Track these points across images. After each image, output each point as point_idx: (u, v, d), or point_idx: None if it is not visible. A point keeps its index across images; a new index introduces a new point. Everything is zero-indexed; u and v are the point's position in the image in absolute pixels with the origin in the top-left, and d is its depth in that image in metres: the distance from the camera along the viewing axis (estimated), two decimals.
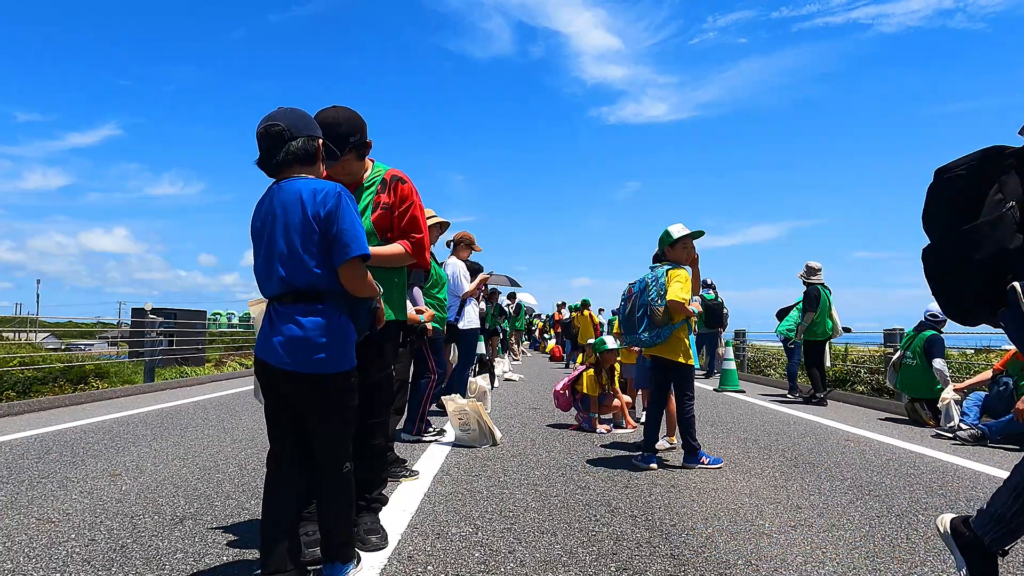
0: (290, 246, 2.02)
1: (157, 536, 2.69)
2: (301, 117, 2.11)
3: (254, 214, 2.14)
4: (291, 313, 2.03)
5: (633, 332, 4.25)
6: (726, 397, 8.95)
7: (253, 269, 2.16)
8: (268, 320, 2.09)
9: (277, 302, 2.07)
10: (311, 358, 2.01)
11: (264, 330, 2.10)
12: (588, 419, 5.78)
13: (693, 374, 4.34)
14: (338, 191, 2.04)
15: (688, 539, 2.77)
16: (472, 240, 5.85)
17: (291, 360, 2.01)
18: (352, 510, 2.23)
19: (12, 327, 23.92)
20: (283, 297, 2.05)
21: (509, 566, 2.42)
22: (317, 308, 2.03)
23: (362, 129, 2.55)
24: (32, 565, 2.36)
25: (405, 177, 2.65)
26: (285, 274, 2.03)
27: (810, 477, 3.99)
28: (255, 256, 2.14)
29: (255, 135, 2.08)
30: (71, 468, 3.91)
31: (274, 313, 2.07)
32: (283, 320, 2.04)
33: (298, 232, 2.01)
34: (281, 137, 2.04)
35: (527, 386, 10.31)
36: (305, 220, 2.01)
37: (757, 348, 16.07)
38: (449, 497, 3.37)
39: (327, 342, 2.03)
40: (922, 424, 6.51)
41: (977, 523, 2.02)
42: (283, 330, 2.02)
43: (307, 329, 2.01)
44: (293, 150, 2.05)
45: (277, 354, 2.03)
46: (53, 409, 6.85)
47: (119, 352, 18.31)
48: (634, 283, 4.36)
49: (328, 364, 2.03)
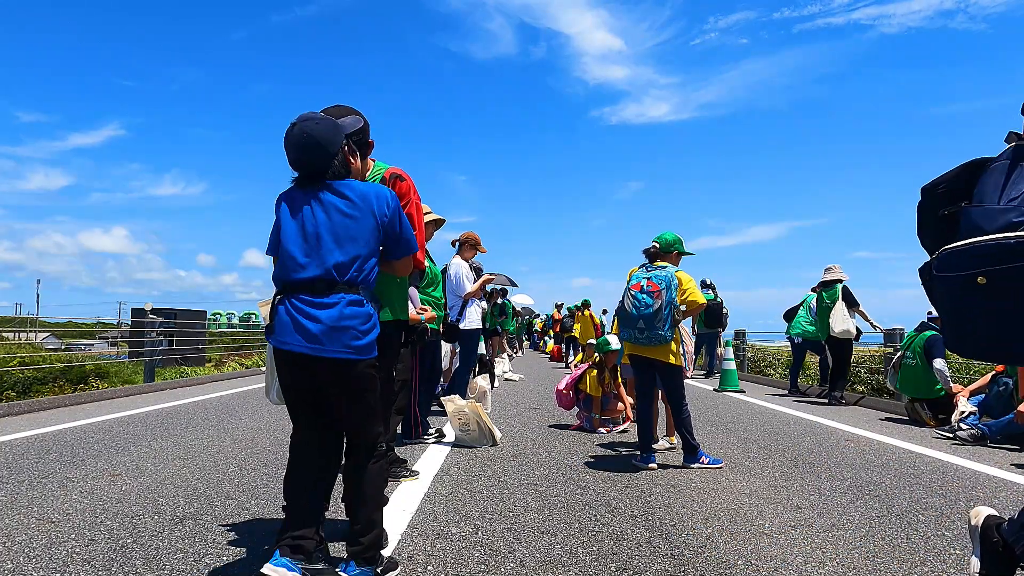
0: (338, 238, 2.12)
1: (157, 536, 2.69)
2: (334, 129, 2.18)
3: (287, 203, 2.20)
4: (323, 302, 2.07)
5: (653, 329, 4.16)
6: (726, 397, 8.95)
7: (279, 256, 2.19)
8: (287, 310, 2.10)
9: (307, 292, 2.09)
10: (351, 343, 2.08)
11: (284, 320, 2.10)
12: (589, 418, 5.78)
13: (682, 374, 4.36)
14: (394, 196, 2.27)
15: (688, 539, 2.77)
16: (478, 241, 5.83)
17: (327, 345, 2.05)
18: (380, 501, 2.27)
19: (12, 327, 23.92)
20: (316, 284, 2.08)
21: (509, 566, 2.42)
22: (353, 298, 2.12)
23: (364, 129, 2.56)
24: (32, 565, 2.36)
25: (404, 175, 2.65)
26: (329, 262, 2.09)
27: (810, 477, 3.99)
28: (286, 243, 2.16)
29: (289, 142, 2.13)
30: (71, 468, 3.91)
31: (299, 303, 2.09)
32: (315, 308, 2.07)
33: (354, 227, 2.14)
34: (326, 152, 2.14)
35: (527, 386, 10.31)
36: (365, 217, 2.15)
37: (757, 348, 16.08)
38: (449, 497, 3.37)
39: (368, 328, 2.13)
40: (922, 424, 6.51)
41: (1008, 530, 2.01)
42: (319, 316, 2.06)
43: (347, 316, 2.08)
44: (337, 167, 2.19)
45: (310, 338, 2.05)
46: (53, 409, 6.84)
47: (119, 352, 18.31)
48: (641, 281, 4.26)
49: (365, 350, 2.12)
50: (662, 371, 4.31)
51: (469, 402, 4.86)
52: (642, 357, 4.32)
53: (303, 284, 2.09)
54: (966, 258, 1.48)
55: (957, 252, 1.50)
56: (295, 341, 2.06)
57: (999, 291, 1.41)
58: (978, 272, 1.32)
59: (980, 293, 1.44)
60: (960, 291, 1.52)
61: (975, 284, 1.33)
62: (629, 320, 4.22)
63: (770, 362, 14.21)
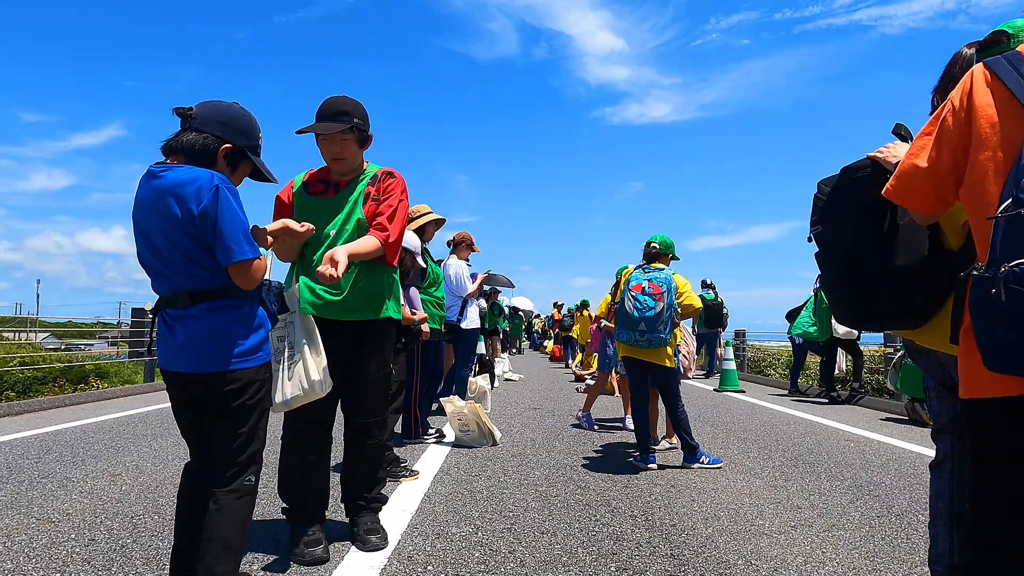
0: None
1: (157, 536, 2.69)
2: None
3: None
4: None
5: (654, 332, 4.14)
6: (726, 397, 8.94)
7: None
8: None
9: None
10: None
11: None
12: (587, 416, 5.80)
13: (676, 375, 4.36)
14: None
15: (688, 539, 2.77)
16: (472, 240, 5.87)
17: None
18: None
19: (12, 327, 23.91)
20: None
21: (509, 566, 2.42)
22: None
23: (364, 116, 2.58)
24: (32, 565, 2.35)
25: (396, 173, 2.64)
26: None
27: (810, 477, 3.99)
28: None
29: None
30: (71, 468, 3.91)
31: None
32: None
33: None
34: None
35: (527, 386, 10.31)
36: None
37: (757, 348, 16.07)
38: (449, 497, 3.37)
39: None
40: (922, 424, 6.51)
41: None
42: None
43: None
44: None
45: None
46: (53, 409, 6.85)
47: (119, 352, 18.30)
48: (642, 282, 4.26)
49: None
50: (657, 373, 4.30)
51: (468, 403, 4.86)
52: (638, 360, 4.32)
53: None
54: None
55: None
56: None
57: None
58: None
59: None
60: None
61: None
62: (630, 322, 4.20)
63: (770, 362, 14.20)
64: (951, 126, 1.13)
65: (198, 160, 1.86)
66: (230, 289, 1.85)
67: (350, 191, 2.55)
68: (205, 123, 1.88)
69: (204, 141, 1.87)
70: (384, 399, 2.65)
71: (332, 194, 2.56)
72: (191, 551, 1.86)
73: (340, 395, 2.56)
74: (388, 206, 2.51)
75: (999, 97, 1.07)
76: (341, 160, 2.55)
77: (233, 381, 1.85)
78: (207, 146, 1.87)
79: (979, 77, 1.11)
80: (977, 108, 1.09)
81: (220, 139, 1.89)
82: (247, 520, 1.90)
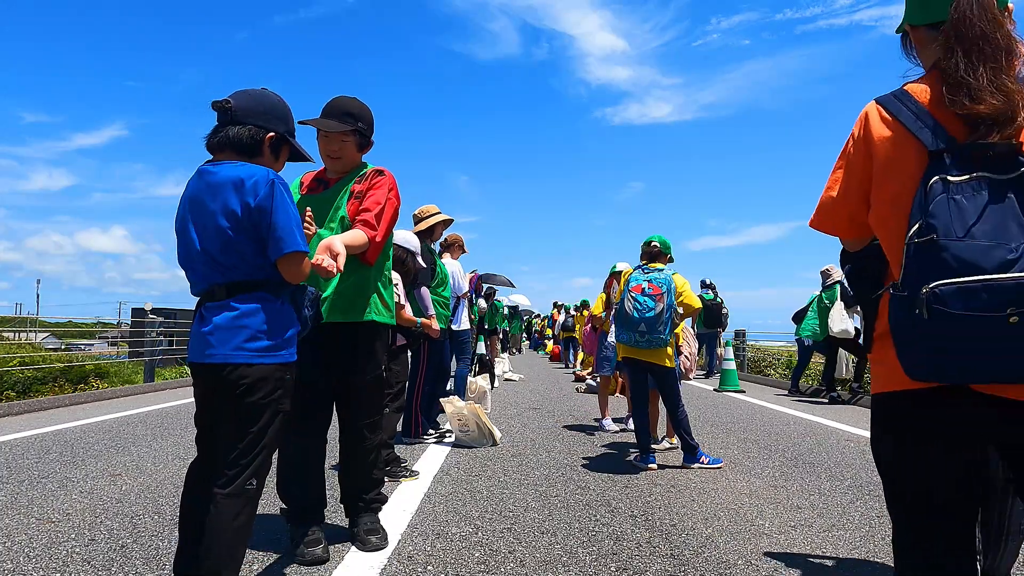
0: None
1: (157, 536, 2.69)
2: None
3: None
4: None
5: (654, 333, 4.14)
6: (726, 397, 8.95)
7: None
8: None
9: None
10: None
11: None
12: (607, 421, 5.86)
13: (676, 375, 4.36)
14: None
15: (688, 539, 2.77)
16: (463, 242, 5.94)
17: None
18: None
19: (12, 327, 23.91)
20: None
21: (509, 566, 2.42)
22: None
23: (369, 122, 2.58)
24: (32, 565, 2.36)
25: (385, 171, 2.61)
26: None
27: (810, 477, 3.99)
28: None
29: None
30: (71, 468, 3.91)
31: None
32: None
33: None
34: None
35: (527, 386, 10.31)
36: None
37: (757, 348, 16.07)
38: (449, 497, 3.37)
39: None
40: None
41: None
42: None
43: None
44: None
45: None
46: (53, 409, 6.85)
47: (119, 352, 18.30)
48: (641, 283, 4.26)
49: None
50: (657, 373, 4.30)
51: (468, 404, 4.86)
52: (638, 360, 4.32)
53: None
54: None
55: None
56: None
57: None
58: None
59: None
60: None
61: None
62: (630, 323, 4.19)
63: (770, 362, 14.20)
64: (854, 159, 1.25)
65: (247, 152, 1.91)
66: (265, 283, 1.87)
67: (339, 188, 2.55)
68: (246, 115, 1.93)
69: (250, 133, 1.92)
70: (377, 401, 2.64)
71: (322, 191, 2.58)
72: (193, 552, 1.82)
73: (334, 397, 2.57)
74: (375, 203, 2.45)
75: (893, 130, 1.18)
76: (337, 159, 2.56)
77: (248, 375, 1.82)
78: (253, 137, 1.92)
79: (873, 113, 1.22)
80: (875, 142, 1.20)
81: (263, 128, 1.94)
82: (247, 526, 1.83)
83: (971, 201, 1.03)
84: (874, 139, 1.21)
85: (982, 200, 1.03)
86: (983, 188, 1.04)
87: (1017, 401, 1.06)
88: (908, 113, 1.17)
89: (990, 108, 1.08)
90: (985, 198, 1.03)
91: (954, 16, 1.16)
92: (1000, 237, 1.00)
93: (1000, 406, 1.07)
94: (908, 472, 1.18)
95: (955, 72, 1.13)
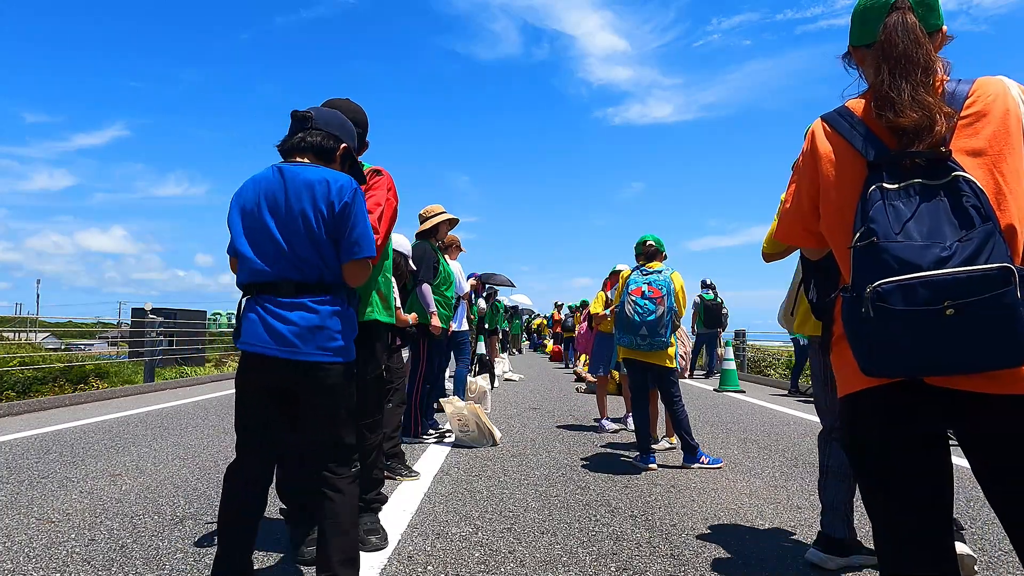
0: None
1: (157, 536, 2.69)
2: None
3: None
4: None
5: (655, 336, 4.12)
6: (726, 397, 8.95)
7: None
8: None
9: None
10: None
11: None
12: (606, 421, 5.84)
13: (677, 375, 4.37)
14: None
15: (688, 539, 2.77)
16: (460, 242, 5.96)
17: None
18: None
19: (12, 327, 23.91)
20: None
21: (509, 566, 2.42)
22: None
23: (364, 125, 2.57)
24: (32, 565, 2.36)
25: (383, 171, 2.61)
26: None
27: (810, 477, 3.98)
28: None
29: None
30: (71, 468, 3.91)
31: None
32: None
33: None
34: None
35: (527, 386, 10.31)
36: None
37: (757, 348, 16.08)
38: (449, 497, 3.37)
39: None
40: None
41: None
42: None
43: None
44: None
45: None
46: (53, 409, 6.84)
47: (119, 352, 18.30)
48: (641, 286, 4.25)
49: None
50: (658, 374, 4.30)
51: (467, 404, 4.87)
52: (639, 362, 4.31)
53: None
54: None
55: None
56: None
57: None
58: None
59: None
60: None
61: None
62: (631, 327, 4.18)
63: (770, 362, 14.21)
64: (804, 173, 1.35)
65: (323, 158, 2.06)
66: (333, 286, 1.97)
67: None
68: (327, 126, 2.09)
69: (329, 143, 2.07)
70: (376, 401, 2.64)
71: None
72: (242, 557, 2.03)
73: None
74: (375, 204, 2.44)
75: (835, 144, 1.27)
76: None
77: (331, 372, 1.95)
78: (330, 147, 2.07)
79: (819, 129, 1.32)
80: (820, 156, 1.29)
81: (339, 139, 2.11)
82: (357, 504, 2.05)
83: (907, 206, 1.12)
84: (819, 153, 1.30)
85: (916, 204, 1.12)
86: (917, 194, 1.13)
87: (968, 392, 1.11)
88: (848, 127, 1.27)
89: (910, 121, 1.17)
90: (919, 203, 1.12)
91: (882, 37, 1.26)
92: (935, 237, 1.07)
93: (953, 397, 1.12)
94: (877, 469, 1.23)
95: (881, 87, 1.23)
